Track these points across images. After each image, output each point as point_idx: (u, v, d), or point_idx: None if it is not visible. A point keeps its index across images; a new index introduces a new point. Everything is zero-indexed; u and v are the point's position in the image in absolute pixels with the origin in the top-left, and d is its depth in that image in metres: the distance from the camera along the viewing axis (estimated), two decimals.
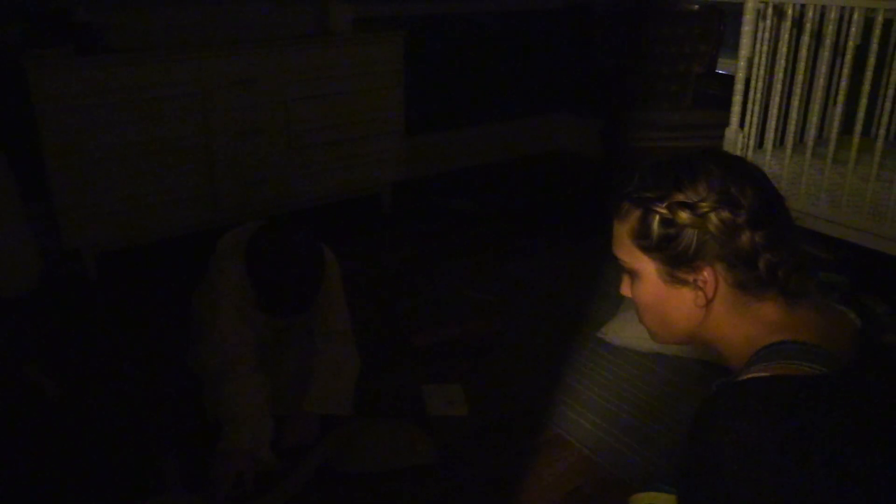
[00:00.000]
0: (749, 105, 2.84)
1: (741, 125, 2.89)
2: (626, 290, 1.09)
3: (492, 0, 4.18)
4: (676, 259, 0.98)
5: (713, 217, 0.95)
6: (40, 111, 2.69)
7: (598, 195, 3.91)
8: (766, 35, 2.77)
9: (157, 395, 2.24)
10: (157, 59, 2.89)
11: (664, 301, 1.01)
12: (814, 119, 2.75)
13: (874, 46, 2.49)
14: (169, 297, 2.79)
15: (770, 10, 2.74)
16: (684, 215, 0.96)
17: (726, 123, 2.92)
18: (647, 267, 1.01)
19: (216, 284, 1.98)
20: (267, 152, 3.22)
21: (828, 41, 2.65)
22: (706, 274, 0.97)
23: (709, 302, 0.98)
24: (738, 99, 2.84)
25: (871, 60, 2.52)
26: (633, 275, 1.04)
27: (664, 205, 0.97)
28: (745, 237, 0.95)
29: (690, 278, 0.98)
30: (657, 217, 0.98)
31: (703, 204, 0.95)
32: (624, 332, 2.47)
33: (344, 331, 2.16)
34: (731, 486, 0.84)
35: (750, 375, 0.91)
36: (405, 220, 3.62)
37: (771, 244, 0.96)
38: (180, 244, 3.12)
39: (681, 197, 0.97)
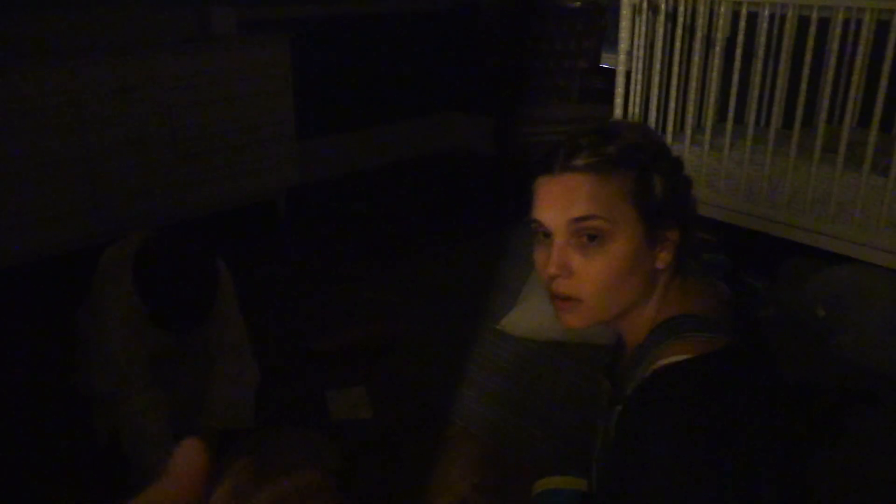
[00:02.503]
0: (631, 97, 2.94)
1: (624, 116, 3.00)
2: (576, 262, 0.97)
3: (380, 1, 4.18)
4: (662, 216, 0.96)
5: (686, 179, 1.01)
6: None
7: (492, 191, 3.97)
8: (643, 29, 2.89)
9: (40, 421, 2.12)
10: (25, 68, 2.73)
11: (636, 263, 0.96)
12: (690, 108, 2.89)
13: (741, 38, 2.64)
14: (50, 318, 2.64)
15: (645, 5, 2.86)
16: (676, 177, 0.99)
17: (611, 115, 3.02)
18: (632, 227, 0.95)
19: (102, 300, 1.89)
20: (152, 162, 3.10)
21: (699, 34, 2.79)
22: (674, 234, 0.98)
23: (667, 266, 0.98)
24: (620, 91, 2.94)
25: (739, 52, 2.67)
26: (606, 238, 0.95)
27: (662, 166, 0.97)
28: (692, 203, 1.02)
29: (666, 236, 0.97)
30: (657, 178, 0.96)
31: (681, 166, 1.01)
32: (523, 324, 2.51)
33: (239, 343, 2.10)
34: (668, 470, 0.85)
35: (668, 361, 0.92)
36: (302, 225, 3.57)
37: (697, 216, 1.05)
38: (64, 262, 2.96)
39: (669, 160, 1.00)
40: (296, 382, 2.31)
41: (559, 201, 0.96)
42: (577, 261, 0.96)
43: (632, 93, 2.95)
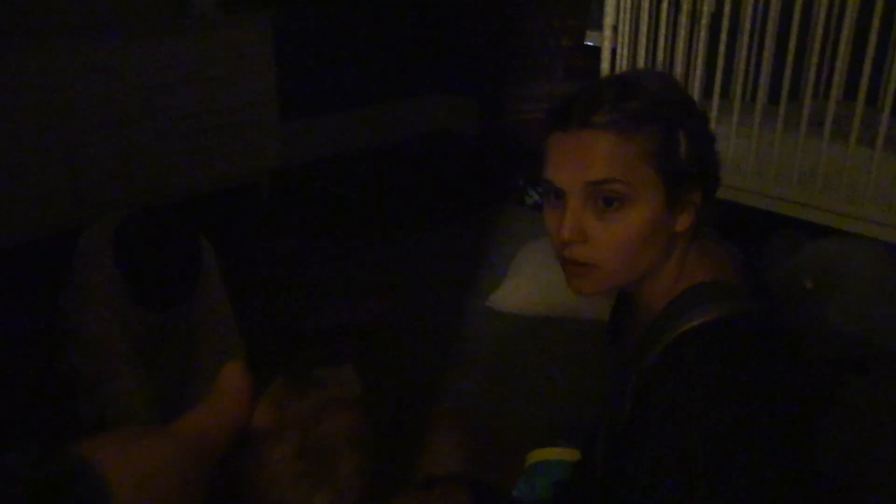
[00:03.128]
0: (616, 73, 2.93)
1: None
2: (591, 225, 0.90)
3: None
4: (685, 178, 0.90)
5: (711, 135, 0.93)
6: None
7: (477, 170, 3.95)
8: (628, 5, 2.86)
9: (26, 405, 2.08)
10: (1, 50, 2.67)
11: (656, 228, 0.90)
12: None
13: (727, 10, 2.62)
14: (34, 303, 2.59)
15: None
16: (702, 135, 0.91)
17: None
18: (653, 191, 0.88)
19: (83, 282, 1.86)
20: (134, 144, 3.04)
21: (685, 9, 2.76)
22: (697, 196, 0.92)
23: (686, 230, 0.93)
24: (605, 67, 2.92)
25: (725, 25, 2.65)
26: (625, 202, 0.88)
27: (689, 123, 0.90)
28: (716, 161, 0.94)
29: (688, 198, 0.91)
30: (683, 136, 0.89)
31: (707, 121, 0.93)
32: (511, 299, 2.50)
33: (226, 322, 2.07)
34: (706, 430, 0.82)
35: (698, 322, 0.87)
36: (287, 208, 3.53)
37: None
38: (44, 247, 2.91)
39: (698, 114, 0.92)
40: (284, 362, 2.29)
41: (575, 161, 0.88)
42: (593, 225, 0.89)
43: (617, 69, 2.93)
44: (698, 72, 2.79)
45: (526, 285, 2.47)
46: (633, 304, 1.01)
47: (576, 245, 0.91)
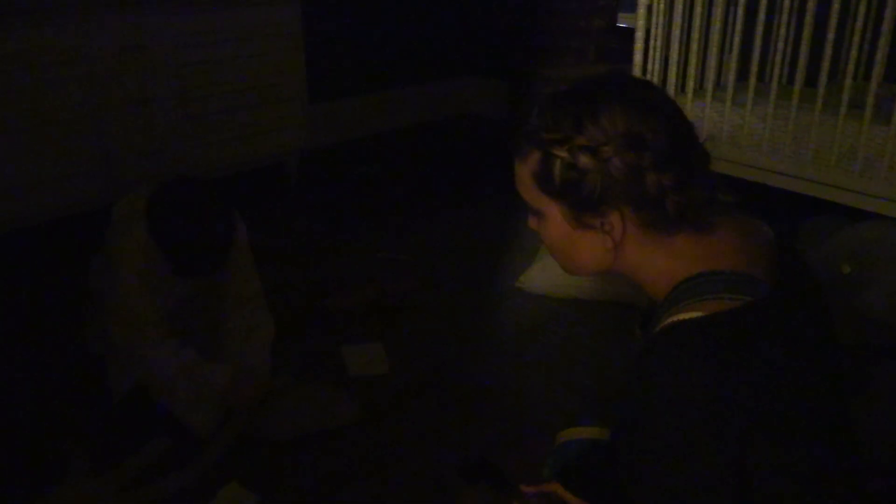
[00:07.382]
0: (650, 54, 2.87)
1: (643, 74, 2.93)
2: (533, 224, 1.05)
3: None
4: (581, 204, 0.94)
5: (616, 161, 0.90)
6: None
7: (506, 154, 3.91)
8: None
9: (55, 380, 2.10)
10: (32, 26, 2.67)
11: (572, 243, 0.99)
12: (712, 65, 2.81)
13: None
14: (63, 279, 2.61)
15: None
16: (586, 160, 0.91)
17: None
18: (551, 209, 0.97)
19: (116, 251, 1.86)
20: (162, 122, 3.05)
21: None
22: (613, 218, 0.94)
23: (616, 245, 0.96)
24: (639, 47, 2.87)
25: (763, 4, 2.59)
26: (539, 215, 1.01)
27: (565, 148, 0.92)
28: (651, 179, 0.91)
29: (597, 222, 0.95)
30: (558, 161, 0.93)
31: (606, 148, 0.90)
32: (541, 280, 2.48)
33: (255, 296, 2.07)
34: (670, 433, 0.84)
35: (678, 318, 0.88)
36: (314, 189, 3.53)
37: (678, 185, 0.91)
38: (73, 224, 2.93)
39: (582, 140, 0.91)
40: (311, 338, 2.29)
41: None
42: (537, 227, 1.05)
43: (651, 50, 2.87)
44: (734, 53, 2.73)
45: (555, 267, 2.42)
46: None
47: None
